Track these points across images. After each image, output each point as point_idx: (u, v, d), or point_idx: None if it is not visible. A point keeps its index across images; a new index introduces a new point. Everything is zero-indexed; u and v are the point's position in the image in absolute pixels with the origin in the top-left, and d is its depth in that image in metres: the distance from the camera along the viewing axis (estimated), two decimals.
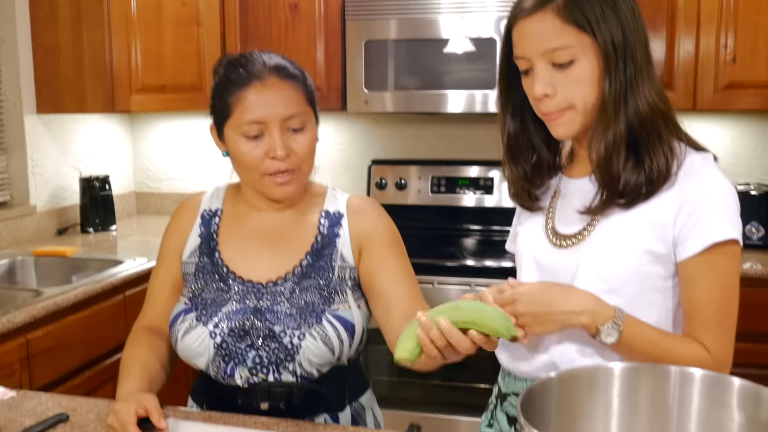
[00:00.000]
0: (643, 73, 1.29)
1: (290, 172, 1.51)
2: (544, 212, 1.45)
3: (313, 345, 1.47)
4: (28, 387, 2.16)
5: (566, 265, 1.36)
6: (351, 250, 1.57)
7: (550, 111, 1.31)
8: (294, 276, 1.54)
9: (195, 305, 1.54)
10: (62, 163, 3.39)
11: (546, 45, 1.27)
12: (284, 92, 1.50)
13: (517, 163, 1.45)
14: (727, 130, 3.22)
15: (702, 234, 1.26)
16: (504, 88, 1.42)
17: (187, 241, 1.63)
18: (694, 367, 0.97)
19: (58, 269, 2.84)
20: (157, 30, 3.16)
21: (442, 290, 2.80)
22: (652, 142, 1.29)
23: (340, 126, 3.60)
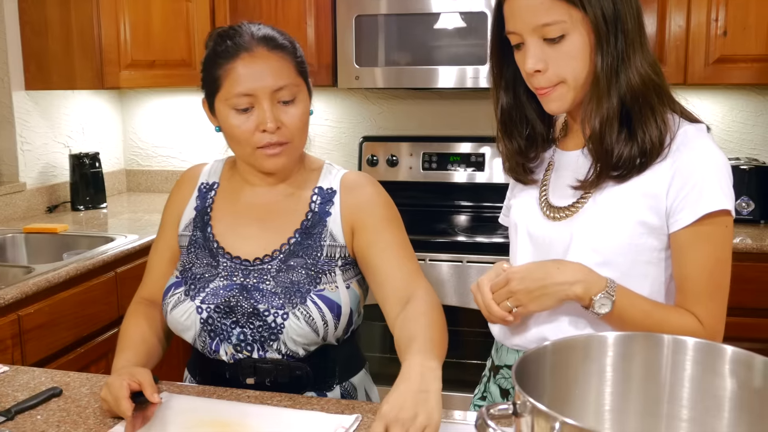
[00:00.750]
0: (635, 44, 1.29)
1: (281, 144, 1.49)
2: (537, 185, 1.45)
3: (296, 325, 1.46)
4: (20, 363, 2.15)
5: (560, 237, 1.36)
6: (341, 229, 1.54)
7: (542, 86, 1.31)
8: (281, 254, 1.53)
9: (185, 279, 1.54)
10: (51, 140, 3.37)
11: (536, 20, 1.26)
12: (273, 63, 1.48)
13: (512, 137, 1.45)
14: (717, 104, 3.22)
15: (694, 205, 1.26)
16: (496, 62, 1.42)
17: (184, 212, 1.63)
18: (687, 337, 0.97)
19: (49, 246, 2.83)
20: (146, 5, 3.13)
21: (434, 266, 2.81)
22: (644, 114, 1.29)
23: (331, 102, 3.59)
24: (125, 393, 1.33)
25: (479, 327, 3.01)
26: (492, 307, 1.33)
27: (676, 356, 0.96)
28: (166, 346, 1.62)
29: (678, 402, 0.96)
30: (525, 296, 1.29)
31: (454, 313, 2.99)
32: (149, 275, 1.67)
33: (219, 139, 1.58)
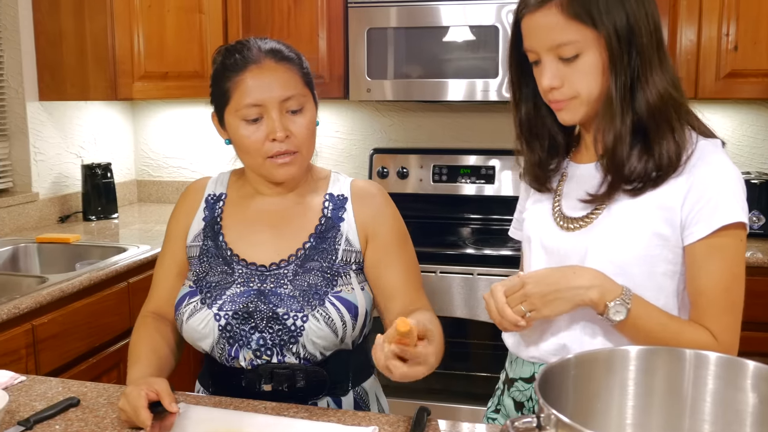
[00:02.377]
0: (653, 61, 1.29)
1: (291, 153, 1.52)
2: (551, 196, 1.47)
3: (316, 327, 1.49)
4: (34, 373, 2.16)
5: (575, 248, 1.37)
6: (357, 236, 1.58)
7: (557, 99, 1.33)
8: (297, 258, 1.55)
9: (200, 288, 1.56)
10: (64, 150, 3.39)
11: (551, 41, 1.29)
12: (280, 74, 1.52)
13: (533, 149, 1.47)
14: (728, 118, 3.23)
15: (709, 218, 1.27)
16: (515, 76, 1.44)
17: (191, 224, 1.65)
18: (709, 351, 0.98)
19: (62, 256, 2.84)
20: (160, 17, 3.16)
21: (444, 278, 2.81)
22: (661, 131, 1.30)
23: (342, 114, 3.61)
24: (144, 403, 1.34)
25: (489, 339, 3.02)
26: (505, 311, 1.30)
27: (698, 371, 0.96)
28: (178, 357, 1.63)
29: (700, 417, 0.97)
30: (539, 300, 1.29)
31: (463, 326, 3.00)
32: (156, 289, 1.68)
33: (228, 150, 1.61)
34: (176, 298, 1.59)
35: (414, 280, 1.61)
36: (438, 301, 2.81)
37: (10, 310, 2.09)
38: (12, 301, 2.13)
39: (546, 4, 1.28)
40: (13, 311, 2.10)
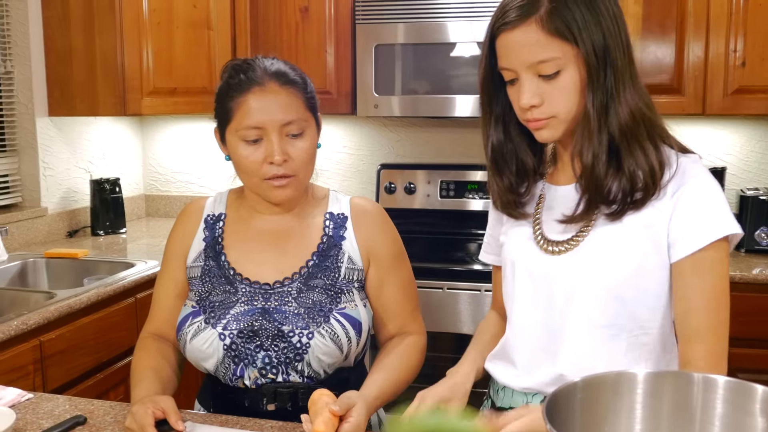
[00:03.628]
0: (625, 79, 1.28)
1: (287, 177, 1.53)
2: (529, 220, 1.43)
3: (321, 343, 1.50)
4: (41, 389, 2.17)
5: (562, 272, 1.34)
6: (359, 254, 1.60)
7: (536, 118, 1.30)
8: (301, 276, 1.56)
9: (203, 308, 1.56)
10: (73, 165, 3.41)
11: (531, 58, 1.26)
12: (283, 98, 1.53)
13: (502, 175, 1.42)
14: (736, 134, 3.22)
15: (696, 233, 1.26)
16: (486, 97, 1.40)
17: (191, 245, 1.65)
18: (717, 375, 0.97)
19: (70, 271, 2.85)
20: (169, 33, 3.18)
21: (452, 295, 2.81)
22: (632, 148, 1.29)
23: (350, 130, 3.61)
24: (150, 421, 1.34)
25: None
26: None
27: (707, 394, 0.95)
28: (180, 377, 1.64)
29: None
30: None
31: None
32: (156, 310, 1.69)
33: (231, 167, 1.62)
34: (177, 319, 1.60)
35: (410, 301, 1.67)
36: (445, 318, 2.81)
37: (18, 326, 2.10)
38: (20, 317, 2.14)
39: (525, 21, 1.25)
40: (21, 327, 2.11)
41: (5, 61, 3.14)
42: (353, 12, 3.11)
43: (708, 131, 3.22)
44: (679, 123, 3.18)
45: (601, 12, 1.26)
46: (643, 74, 2.85)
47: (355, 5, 3.09)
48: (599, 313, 1.32)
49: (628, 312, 1.31)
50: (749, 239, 2.92)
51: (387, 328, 1.66)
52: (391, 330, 1.66)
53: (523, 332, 1.40)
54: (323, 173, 3.63)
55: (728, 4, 2.81)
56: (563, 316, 1.34)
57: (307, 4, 3.17)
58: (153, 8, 3.12)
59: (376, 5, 3.06)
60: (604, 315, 1.32)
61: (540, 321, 1.38)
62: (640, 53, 2.90)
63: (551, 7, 1.24)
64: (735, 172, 3.22)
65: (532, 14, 1.25)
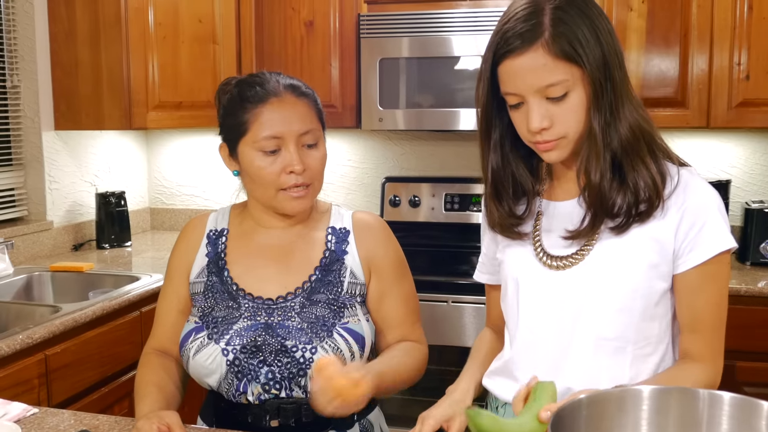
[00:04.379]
0: (623, 94, 1.29)
1: (305, 186, 1.54)
2: (527, 238, 1.42)
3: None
4: (46, 403, 2.17)
5: (569, 286, 1.35)
6: (362, 269, 1.61)
7: (546, 140, 1.30)
8: (303, 291, 1.56)
9: (206, 324, 1.56)
10: (79, 178, 3.42)
11: (540, 82, 1.25)
12: (299, 109, 1.55)
13: (502, 200, 1.42)
14: (741, 147, 3.22)
15: (703, 245, 1.29)
16: (486, 123, 1.38)
17: (194, 261, 1.65)
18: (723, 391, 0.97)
19: (75, 285, 2.86)
20: (174, 47, 3.19)
21: (457, 308, 2.80)
22: (634, 163, 1.30)
23: (354, 143, 3.62)
24: None
25: None
26: None
27: (712, 410, 0.95)
28: (183, 393, 1.64)
29: None
30: None
31: None
32: (158, 326, 1.69)
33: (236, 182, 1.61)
34: (180, 335, 1.60)
35: (411, 313, 1.67)
36: (449, 331, 2.81)
37: (24, 340, 2.10)
38: (25, 330, 2.14)
39: (532, 46, 1.24)
40: (26, 341, 2.11)
41: (12, 75, 3.15)
42: (358, 26, 3.12)
43: (712, 144, 3.22)
44: (684, 136, 3.18)
45: (599, 29, 1.27)
46: (647, 87, 2.89)
47: (359, 19, 3.10)
48: (607, 325, 1.32)
49: (635, 324, 1.32)
50: (754, 252, 2.91)
51: (387, 339, 1.64)
52: (392, 340, 1.64)
53: (530, 348, 1.40)
54: (328, 186, 3.63)
55: (732, 17, 2.81)
56: (571, 330, 1.35)
57: (312, 19, 3.18)
58: (159, 22, 3.14)
59: (381, 19, 3.07)
60: (611, 328, 1.32)
61: (547, 336, 1.37)
62: (644, 66, 2.90)
63: (554, 31, 1.24)
64: (739, 185, 3.22)
65: (537, 39, 1.24)
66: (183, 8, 3.19)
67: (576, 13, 1.26)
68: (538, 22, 1.25)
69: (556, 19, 1.25)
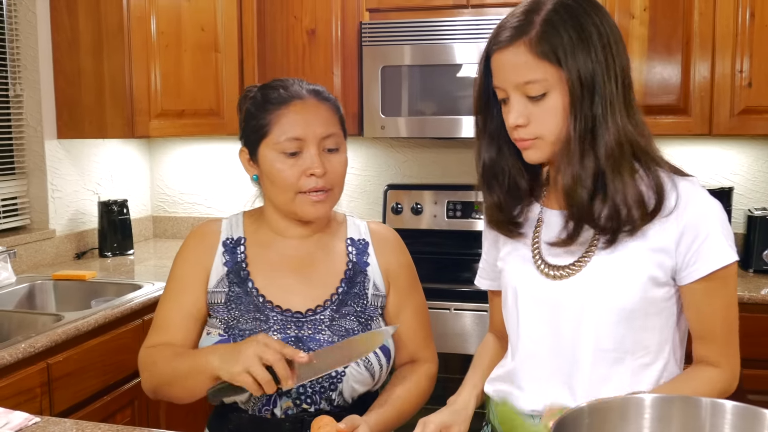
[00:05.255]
0: (615, 107, 1.28)
1: (325, 191, 1.52)
2: (527, 244, 1.42)
3: (356, 372, 1.49)
4: (48, 412, 2.16)
5: (568, 296, 1.34)
6: (383, 281, 1.60)
7: (522, 137, 1.32)
8: (332, 303, 1.55)
9: (232, 336, 1.51)
10: (81, 187, 3.43)
11: (519, 78, 1.28)
12: (322, 112, 1.54)
13: (492, 191, 1.43)
14: (743, 154, 3.22)
15: (707, 257, 1.28)
16: (481, 115, 1.42)
17: (212, 270, 1.59)
18: (725, 400, 0.97)
19: (77, 293, 2.86)
20: (177, 56, 3.20)
21: (459, 315, 2.80)
22: (615, 176, 1.28)
23: (356, 150, 3.62)
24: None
25: None
26: None
27: (715, 419, 0.95)
28: None
29: None
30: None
31: None
32: (164, 327, 1.60)
33: (244, 186, 1.60)
34: (194, 341, 1.57)
35: (423, 327, 1.67)
36: (452, 338, 2.80)
37: (26, 349, 2.10)
38: (27, 339, 2.14)
39: (515, 42, 1.28)
40: (28, 350, 2.11)
41: (15, 84, 3.16)
42: (360, 34, 3.13)
43: (715, 151, 3.22)
44: (686, 143, 3.18)
45: (591, 41, 1.26)
46: (649, 95, 2.89)
47: (361, 27, 3.11)
48: (605, 337, 1.32)
49: (633, 335, 1.32)
50: (757, 260, 2.91)
51: (400, 353, 1.64)
52: (404, 356, 1.64)
53: (532, 358, 1.40)
54: None
55: (734, 24, 2.82)
56: (571, 340, 1.34)
57: (314, 27, 3.19)
58: (161, 31, 3.15)
59: (383, 27, 3.08)
60: (609, 339, 1.32)
61: (548, 346, 1.37)
62: (646, 74, 2.91)
63: (541, 31, 1.26)
64: (742, 192, 3.21)
65: (523, 36, 1.27)
66: (185, 17, 3.20)
67: (569, 19, 1.27)
68: (529, 20, 1.28)
69: (547, 20, 1.27)
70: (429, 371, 1.65)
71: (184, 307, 1.60)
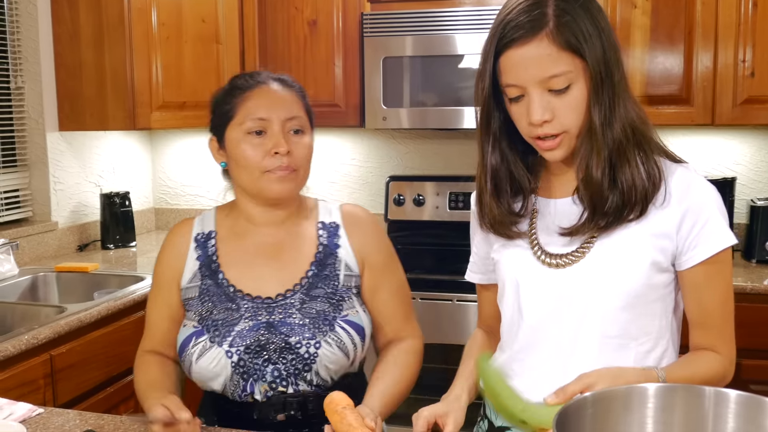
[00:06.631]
0: (620, 93, 1.29)
1: (290, 170, 1.56)
2: (523, 236, 1.41)
3: (329, 352, 1.52)
4: (51, 403, 2.17)
5: (570, 284, 1.34)
6: (355, 260, 1.63)
7: (548, 133, 1.28)
8: (302, 287, 1.58)
9: (206, 327, 1.56)
10: (83, 179, 3.43)
11: (543, 73, 1.24)
12: (286, 96, 1.61)
13: (500, 197, 1.39)
14: (746, 144, 3.21)
15: (707, 241, 1.29)
16: (486, 117, 1.36)
17: (185, 267, 1.65)
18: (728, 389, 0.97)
19: (80, 285, 2.86)
20: (178, 48, 3.19)
21: (461, 306, 2.80)
22: (623, 162, 1.29)
23: (358, 142, 3.62)
24: None
25: None
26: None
27: (718, 408, 0.95)
28: (182, 391, 1.64)
29: None
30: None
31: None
32: (151, 331, 1.70)
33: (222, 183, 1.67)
34: (174, 341, 1.61)
35: (403, 305, 1.69)
36: (454, 329, 2.80)
37: (29, 341, 2.11)
38: (31, 331, 2.15)
39: (536, 36, 1.24)
40: (31, 342, 2.11)
41: (16, 76, 3.16)
42: (361, 25, 3.12)
43: (717, 141, 3.21)
44: (688, 133, 3.18)
45: (600, 26, 1.27)
46: (652, 85, 2.88)
47: (363, 18, 3.10)
48: (610, 323, 1.32)
49: (637, 320, 1.32)
50: (760, 249, 2.91)
51: (383, 331, 1.67)
52: (388, 334, 1.67)
53: (533, 348, 1.39)
54: (332, 186, 3.64)
55: (737, 13, 2.81)
56: (575, 328, 1.34)
57: (316, 18, 3.18)
58: (162, 23, 3.14)
59: (384, 18, 3.07)
60: (615, 325, 1.32)
61: (550, 335, 1.37)
62: (648, 64, 2.90)
63: (559, 21, 1.24)
64: (745, 182, 3.21)
65: (542, 29, 1.24)
66: (186, 8, 3.19)
67: (579, 6, 1.26)
68: (542, 13, 1.25)
69: (560, 11, 1.25)
70: (414, 346, 1.68)
71: (162, 309, 1.68)
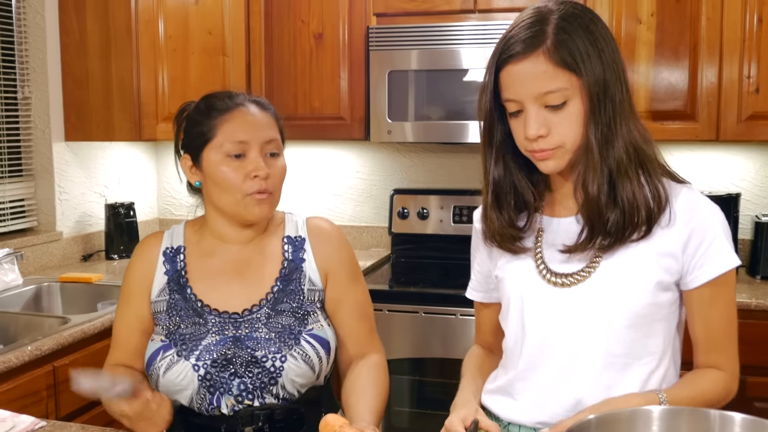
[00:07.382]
0: (623, 113, 1.30)
1: (267, 192, 1.58)
2: (528, 254, 1.41)
3: (294, 365, 1.54)
4: (54, 415, 2.17)
5: (576, 303, 1.34)
6: (319, 275, 1.65)
7: (543, 148, 1.30)
8: (268, 302, 1.60)
9: (173, 341, 1.58)
10: (88, 189, 3.43)
11: (539, 89, 1.27)
12: (264, 119, 1.62)
13: (502, 209, 1.40)
14: (750, 160, 3.21)
15: (713, 262, 1.30)
16: (488, 130, 1.39)
17: (153, 280, 1.66)
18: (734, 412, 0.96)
19: (84, 295, 2.87)
20: (184, 59, 3.21)
21: (465, 321, 2.79)
22: (624, 182, 1.30)
23: (363, 155, 3.63)
24: None
25: None
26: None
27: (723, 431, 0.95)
28: None
29: None
30: None
31: None
32: (119, 345, 1.69)
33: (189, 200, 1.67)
34: (143, 354, 1.62)
35: (366, 321, 1.71)
36: (458, 344, 2.79)
37: (32, 352, 2.11)
38: (34, 342, 2.15)
39: (533, 52, 1.26)
40: (35, 353, 2.11)
41: (23, 86, 3.17)
42: (367, 38, 3.13)
43: (722, 157, 3.21)
44: (693, 149, 3.18)
45: (601, 47, 1.28)
46: (656, 100, 2.88)
47: (368, 32, 3.11)
48: (615, 342, 1.32)
49: (642, 340, 1.32)
50: (764, 266, 2.90)
51: (345, 347, 1.68)
52: (350, 349, 1.68)
53: (536, 366, 1.39)
54: (336, 198, 3.64)
55: (741, 29, 2.81)
56: (579, 347, 1.34)
57: (321, 31, 3.19)
58: (169, 34, 3.16)
59: (390, 32, 3.08)
60: (619, 344, 1.32)
61: (554, 354, 1.37)
62: (653, 79, 2.90)
63: (557, 39, 1.26)
64: (750, 198, 3.20)
65: (539, 46, 1.27)
66: (193, 20, 3.21)
67: (579, 26, 1.28)
68: (541, 30, 1.28)
69: (559, 29, 1.27)
70: (377, 360, 1.69)
71: (130, 321, 1.67)
